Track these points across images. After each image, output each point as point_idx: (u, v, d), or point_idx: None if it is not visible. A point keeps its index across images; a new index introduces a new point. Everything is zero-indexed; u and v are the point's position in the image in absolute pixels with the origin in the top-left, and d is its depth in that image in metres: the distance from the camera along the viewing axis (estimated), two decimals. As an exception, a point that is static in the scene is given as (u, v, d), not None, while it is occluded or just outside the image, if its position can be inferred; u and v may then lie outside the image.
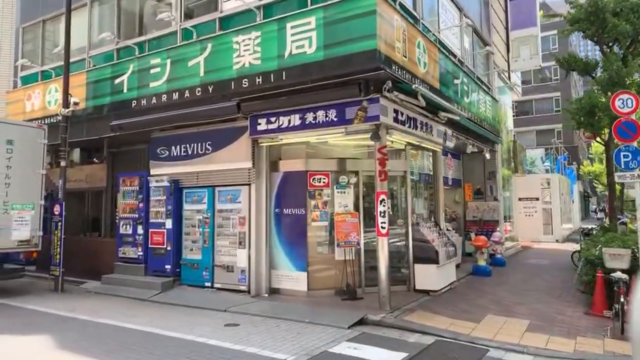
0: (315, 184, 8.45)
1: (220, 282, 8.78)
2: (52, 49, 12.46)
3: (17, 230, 9.16)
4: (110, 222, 12.31)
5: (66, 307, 8.01)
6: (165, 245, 9.43)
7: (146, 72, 9.76)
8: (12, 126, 9.34)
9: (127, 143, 11.61)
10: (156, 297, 8.69)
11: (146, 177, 9.95)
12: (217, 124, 9.10)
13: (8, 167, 9.11)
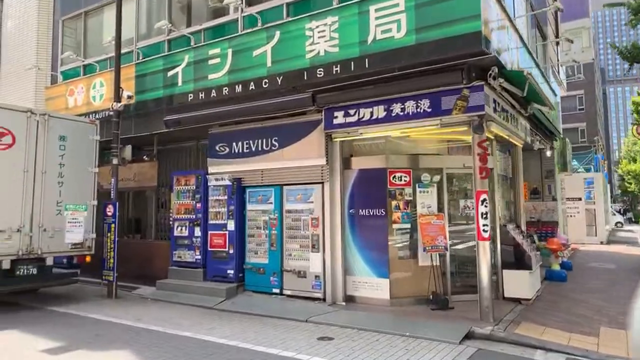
0: (396, 183, 7.76)
1: (291, 288, 8.11)
2: (94, 41, 11.90)
3: (70, 233, 8.56)
4: (154, 222, 11.74)
5: (130, 315, 7.39)
6: (226, 249, 8.79)
7: (204, 63, 9.13)
8: (65, 121, 8.75)
9: (175, 140, 11.02)
10: (222, 304, 8.05)
11: (204, 175, 9.32)
12: (284, 118, 8.45)
13: (61, 164, 8.52)
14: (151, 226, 11.77)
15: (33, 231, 8.02)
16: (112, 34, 11.10)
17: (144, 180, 10.58)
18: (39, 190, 8.15)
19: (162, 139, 10.86)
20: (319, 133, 8.01)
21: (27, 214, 7.97)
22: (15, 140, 7.90)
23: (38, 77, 12.99)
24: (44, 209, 8.19)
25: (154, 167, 10.51)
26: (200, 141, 11.10)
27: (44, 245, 8.16)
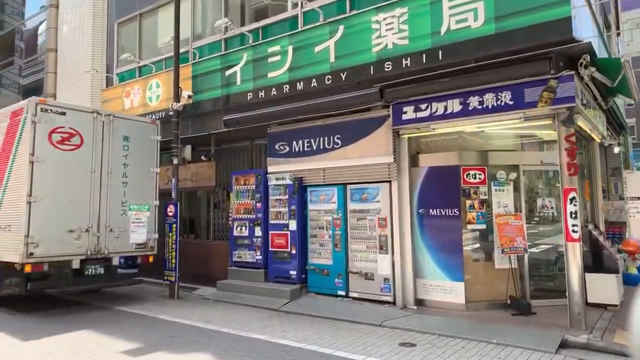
0: (470, 181, 7.37)
1: (357, 291, 7.85)
2: (149, 43, 12.01)
3: (134, 233, 8.59)
4: (211, 222, 11.73)
5: (197, 317, 7.31)
6: (288, 249, 8.61)
7: (263, 61, 8.99)
8: (128, 121, 8.78)
9: (230, 140, 10.94)
10: (287, 306, 7.87)
11: (263, 174, 9.19)
12: (347, 115, 8.19)
13: (125, 165, 8.55)
14: (205, 226, 11.78)
15: (100, 231, 8.07)
16: (167, 35, 11.18)
17: (202, 181, 10.56)
18: (105, 191, 8.20)
19: (217, 139, 10.81)
20: (385, 129, 7.71)
21: (95, 214, 8.03)
22: (83, 141, 7.97)
23: (94, 80, 13.24)
24: (110, 209, 8.23)
25: (211, 167, 10.47)
26: (255, 141, 11.02)
27: (110, 245, 8.20)
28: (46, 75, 14.98)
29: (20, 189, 7.41)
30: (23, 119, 7.54)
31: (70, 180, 7.76)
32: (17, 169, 7.56)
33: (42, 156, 7.42)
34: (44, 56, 15.13)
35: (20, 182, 7.43)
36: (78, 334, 6.36)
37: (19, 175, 7.50)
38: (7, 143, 7.89)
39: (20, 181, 7.43)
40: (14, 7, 18.43)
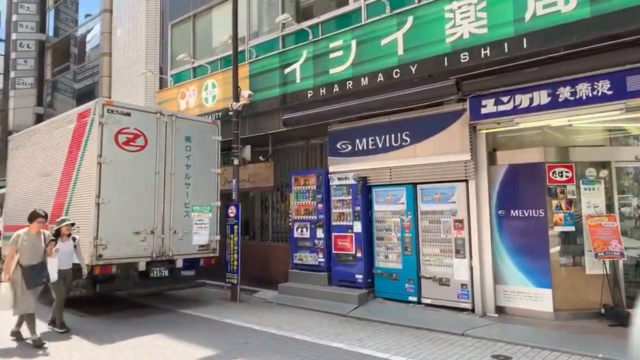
0: (556, 179, 6.79)
1: (431, 297, 7.40)
2: (203, 44, 11.96)
3: (197, 234, 8.48)
4: (261, 224, 11.56)
5: (265, 322, 7.06)
6: (353, 252, 8.27)
7: (324, 57, 8.70)
8: (189, 122, 8.68)
9: (285, 140, 10.70)
10: (356, 312, 7.52)
11: (325, 174, 8.88)
12: (416, 110, 7.75)
13: (187, 165, 8.45)
14: (259, 227, 11.61)
15: (164, 233, 7.98)
16: (221, 34, 11.12)
17: (260, 181, 10.37)
18: (168, 192, 8.11)
19: (273, 139, 10.60)
20: (461, 125, 7.23)
21: (159, 215, 7.95)
22: (147, 142, 7.90)
23: (147, 82, 13.34)
24: (174, 210, 8.14)
25: (269, 168, 10.26)
26: (310, 140, 10.75)
27: (174, 247, 8.11)
28: (101, 79, 15.27)
29: (88, 191, 7.41)
30: (90, 120, 7.54)
31: (135, 181, 7.70)
32: (85, 171, 7.56)
33: (109, 157, 7.39)
34: (99, 60, 15.42)
35: (88, 184, 7.42)
36: (150, 338, 6.23)
37: (86, 176, 7.50)
38: (74, 145, 7.92)
39: (88, 183, 7.43)
40: (68, 15, 18.98)
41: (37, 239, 6.06)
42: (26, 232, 6.05)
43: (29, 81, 18.63)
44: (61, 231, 6.65)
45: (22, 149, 9.81)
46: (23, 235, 5.98)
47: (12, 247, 5.91)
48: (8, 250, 5.94)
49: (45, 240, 6.16)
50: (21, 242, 5.92)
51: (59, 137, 8.38)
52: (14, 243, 5.92)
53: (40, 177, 8.85)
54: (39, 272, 5.93)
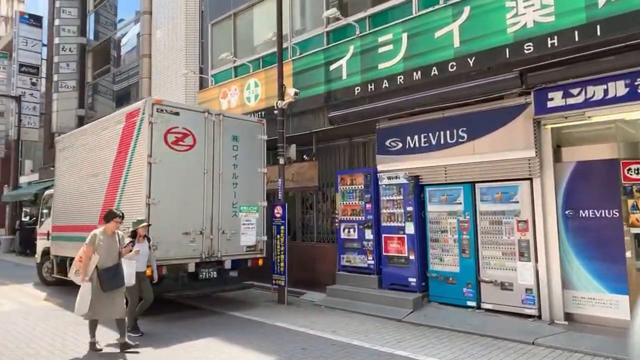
0: (632, 177, 6.29)
1: (492, 302, 7.01)
2: (244, 42, 11.85)
3: (244, 235, 8.34)
4: (302, 224, 11.36)
5: (319, 326, 6.84)
6: (406, 254, 7.95)
7: (373, 52, 8.42)
8: (236, 121, 8.54)
9: (327, 138, 10.45)
10: (411, 317, 7.20)
11: (373, 173, 8.58)
12: (474, 105, 7.36)
13: (235, 165, 8.31)
14: (300, 227, 11.42)
15: (213, 234, 7.87)
16: (263, 33, 10.97)
17: (303, 181, 10.16)
18: (217, 192, 7.99)
19: (316, 137, 10.36)
20: (524, 119, 6.80)
21: (208, 216, 7.84)
22: (195, 142, 7.80)
23: (188, 82, 13.34)
24: (222, 211, 8.02)
25: (313, 167, 10.04)
26: (353, 138, 10.49)
27: (223, 248, 7.99)
28: (141, 80, 15.41)
29: (138, 191, 7.35)
30: (139, 120, 7.48)
31: (184, 181, 7.61)
32: (135, 171, 7.51)
33: (158, 157, 7.31)
34: (138, 62, 15.57)
35: (138, 184, 7.37)
36: (204, 342, 6.09)
37: (136, 177, 7.45)
38: (123, 145, 7.89)
39: (138, 183, 7.37)
40: (108, 18, 19.31)
41: (112, 239, 5.71)
42: (102, 232, 5.67)
43: (71, 84, 19.05)
44: (138, 232, 6.36)
45: (70, 150, 9.92)
46: (99, 235, 5.60)
47: (90, 248, 5.50)
48: (84, 251, 5.53)
49: (119, 241, 5.82)
50: (97, 242, 5.55)
51: (107, 137, 8.39)
52: (91, 243, 5.52)
53: (89, 178, 8.89)
54: (114, 274, 5.58)
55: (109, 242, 5.64)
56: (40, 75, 23.22)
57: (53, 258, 10.24)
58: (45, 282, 10.87)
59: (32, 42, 22.90)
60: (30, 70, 22.71)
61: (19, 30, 22.82)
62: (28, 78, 22.59)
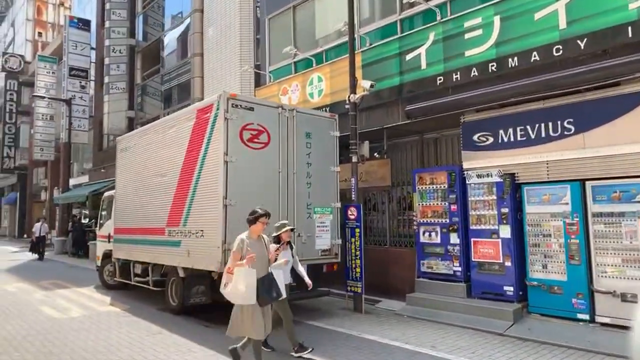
0: None
1: (609, 315, 6.16)
2: (305, 36, 11.34)
3: (319, 238, 7.78)
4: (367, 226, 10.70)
5: (413, 339, 6.19)
6: (500, 260, 7.19)
7: (458, 38, 7.71)
8: (308, 116, 7.99)
9: (396, 135, 9.77)
10: (513, 330, 6.45)
11: (458, 171, 7.86)
12: (580, 94, 6.54)
13: (308, 164, 7.77)
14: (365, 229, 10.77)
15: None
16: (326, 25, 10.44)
17: (374, 180, 9.54)
18: (291, 193, 7.47)
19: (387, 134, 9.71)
20: (649, 108, 5.96)
21: (283, 218, 7.29)
22: (270, 139, 7.30)
23: (243, 80, 12.95)
24: (297, 212, 7.49)
25: (385, 165, 9.42)
26: (425, 134, 9.80)
27: (298, 252, 7.41)
28: (192, 80, 15.16)
29: (213, 192, 6.90)
30: (213, 116, 7.04)
31: (259, 181, 7.13)
32: (209, 170, 7.06)
33: (234, 156, 6.84)
34: (191, 60, 15.34)
35: (213, 184, 6.92)
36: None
37: (211, 176, 7.00)
38: (194, 143, 7.47)
39: (213, 183, 6.92)
40: (156, 19, 19.27)
41: (259, 245, 4.87)
42: (248, 236, 4.82)
43: (121, 86, 19.12)
44: (281, 238, 5.56)
45: (132, 150, 9.63)
46: (246, 240, 4.75)
47: (237, 255, 4.66)
48: (232, 259, 4.70)
49: (266, 246, 5.02)
50: (245, 249, 4.69)
51: (176, 135, 8.00)
52: (239, 250, 4.68)
53: (155, 178, 8.54)
54: (268, 286, 4.74)
55: (257, 248, 4.75)
56: (89, 78, 23.54)
57: (115, 261, 10.00)
58: (107, 286, 10.66)
59: (81, 45, 23.24)
60: (80, 73, 23.04)
61: (68, 35, 23.20)
62: (78, 81, 22.93)
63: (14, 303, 8.95)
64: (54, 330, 6.82)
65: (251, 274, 4.59)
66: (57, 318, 7.63)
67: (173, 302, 7.99)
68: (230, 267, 4.67)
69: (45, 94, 25.19)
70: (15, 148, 34.49)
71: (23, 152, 34.27)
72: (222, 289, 4.69)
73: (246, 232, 4.89)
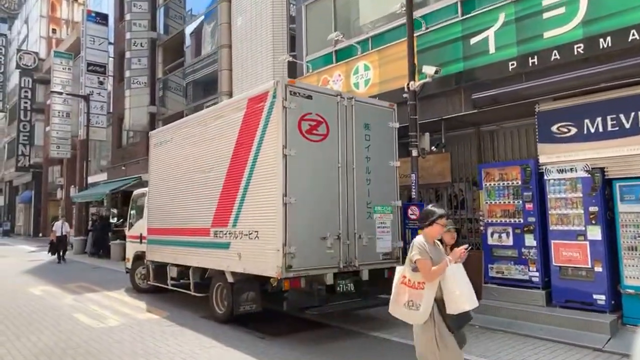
0: None
1: None
2: (347, 22, 10.61)
3: (380, 240, 7.06)
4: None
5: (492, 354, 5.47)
6: (588, 265, 6.41)
7: (534, 18, 6.96)
8: (367, 105, 7.25)
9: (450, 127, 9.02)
10: (612, 345, 5.70)
11: (534, 166, 7.10)
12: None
13: (367, 158, 7.05)
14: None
15: (349, 239, 6.63)
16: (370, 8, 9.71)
17: (430, 176, 8.79)
18: (351, 190, 6.75)
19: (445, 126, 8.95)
20: None
21: (344, 217, 6.61)
22: (329, 130, 6.59)
23: (275, 71, 12.25)
24: (357, 211, 6.78)
25: (444, 160, 8.68)
26: (481, 127, 9.07)
27: (360, 255, 6.74)
28: (220, 72, 14.50)
29: (270, 189, 6.21)
30: (269, 105, 6.34)
31: (319, 177, 6.43)
32: (264, 165, 6.37)
33: (293, 149, 6.14)
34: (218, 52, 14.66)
35: (269, 180, 6.23)
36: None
37: (267, 172, 6.30)
38: (244, 135, 6.78)
39: (269, 179, 6.23)
40: (177, 12, 18.63)
41: (438, 252, 3.78)
42: (425, 241, 3.71)
43: (142, 80, 18.51)
44: (445, 240, 4.56)
45: (168, 145, 8.95)
46: (427, 246, 3.66)
47: (428, 262, 3.54)
48: (423, 268, 3.53)
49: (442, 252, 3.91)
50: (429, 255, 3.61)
51: (221, 127, 7.32)
52: (426, 256, 3.57)
53: (196, 175, 7.86)
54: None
55: (438, 257, 3.68)
56: (108, 73, 22.99)
57: (149, 264, 9.35)
58: (139, 289, 10.03)
59: (99, 40, 22.67)
60: (98, 69, 22.48)
61: (86, 29, 22.65)
62: (96, 77, 22.37)
63: (45, 309, 8.34)
64: (94, 342, 6.18)
65: (461, 270, 3.61)
66: (95, 327, 6.99)
67: (219, 309, 7.31)
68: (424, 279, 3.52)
69: (61, 90, 24.69)
70: (30, 146, 34.17)
71: (38, 150, 33.93)
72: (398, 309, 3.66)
73: (420, 237, 3.79)
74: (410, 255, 3.65)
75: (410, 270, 3.62)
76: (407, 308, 3.57)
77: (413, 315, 3.57)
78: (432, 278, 3.51)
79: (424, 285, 3.52)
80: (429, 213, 3.81)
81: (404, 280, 3.64)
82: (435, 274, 3.51)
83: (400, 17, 9.00)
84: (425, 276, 3.52)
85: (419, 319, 3.56)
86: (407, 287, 3.59)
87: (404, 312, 3.61)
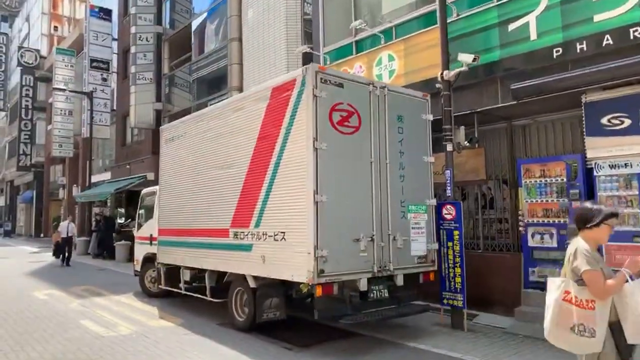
0: None
1: None
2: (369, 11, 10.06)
3: (415, 242, 6.51)
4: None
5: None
6: (647, 269, 5.86)
7: (583, 1, 6.39)
8: (400, 96, 6.71)
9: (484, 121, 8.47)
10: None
11: (582, 161, 6.55)
12: None
13: (401, 153, 6.50)
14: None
15: (383, 240, 6.08)
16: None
17: (462, 173, 8.19)
18: (384, 187, 6.21)
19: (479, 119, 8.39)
20: None
21: (377, 217, 6.06)
22: (361, 122, 6.04)
23: (290, 64, 11.71)
24: (391, 211, 6.23)
25: (477, 156, 8.11)
26: (513, 121, 8.50)
27: (394, 259, 6.18)
28: (230, 67, 13.94)
29: (297, 186, 5.66)
30: (296, 94, 5.78)
31: (351, 173, 5.88)
32: (291, 160, 5.81)
33: (324, 142, 5.59)
34: (228, 46, 14.11)
35: (298, 177, 5.67)
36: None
37: (294, 167, 5.75)
38: (269, 127, 6.22)
39: (298, 175, 5.67)
40: (184, 5, 18.09)
41: (600, 258, 3.09)
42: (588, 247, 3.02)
43: (148, 76, 17.94)
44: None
45: (181, 140, 8.39)
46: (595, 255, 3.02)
47: (599, 274, 2.92)
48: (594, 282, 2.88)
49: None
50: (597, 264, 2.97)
51: (242, 119, 6.76)
52: (596, 267, 2.93)
53: (214, 171, 7.31)
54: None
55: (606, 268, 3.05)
56: (111, 70, 22.45)
57: (160, 267, 8.79)
58: (149, 293, 9.47)
59: (102, 36, 22.15)
60: (101, 65, 21.95)
61: (89, 25, 22.13)
62: (99, 74, 21.84)
63: (50, 315, 7.80)
64: (106, 354, 5.63)
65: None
66: (105, 336, 6.44)
67: (239, 316, 6.76)
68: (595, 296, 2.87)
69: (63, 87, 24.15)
70: (32, 145, 33.64)
71: (39, 149, 33.40)
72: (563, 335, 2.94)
73: (581, 241, 3.08)
74: (572, 266, 2.97)
75: (575, 285, 2.92)
76: (577, 334, 2.86)
77: (585, 343, 2.85)
78: (606, 295, 2.86)
79: (594, 305, 2.86)
80: (597, 212, 3.09)
81: (567, 297, 2.92)
82: (610, 290, 2.86)
83: (427, 4, 8.49)
84: (597, 292, 2.86)
85: (595, 347, 2.86)
86: (574, 307, 2.89)
87: (573, 339, 2.87)
